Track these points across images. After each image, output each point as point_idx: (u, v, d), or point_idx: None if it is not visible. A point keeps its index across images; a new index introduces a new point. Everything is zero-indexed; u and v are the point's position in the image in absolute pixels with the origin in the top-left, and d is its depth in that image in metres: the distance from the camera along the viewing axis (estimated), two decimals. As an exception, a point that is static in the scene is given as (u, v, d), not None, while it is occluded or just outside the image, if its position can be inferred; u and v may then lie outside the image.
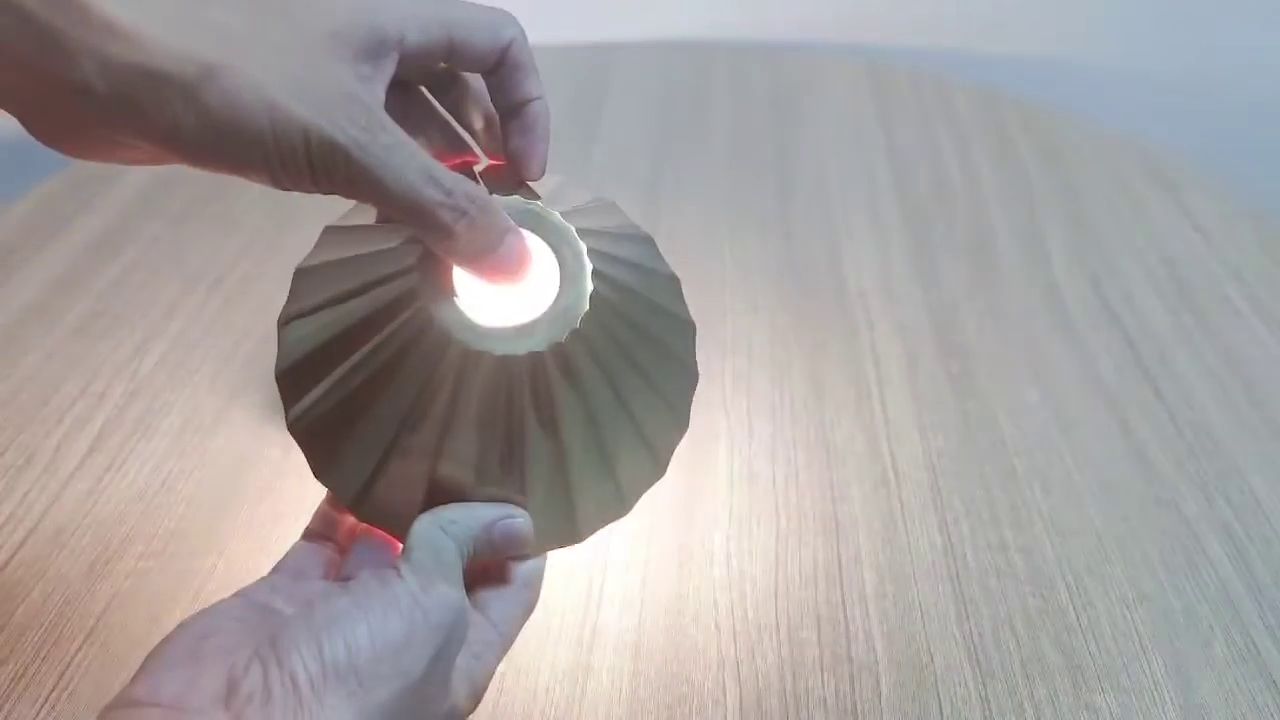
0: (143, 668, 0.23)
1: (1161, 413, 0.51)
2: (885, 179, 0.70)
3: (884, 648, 0.39)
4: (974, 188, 0.69)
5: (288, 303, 0.30)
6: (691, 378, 0.32)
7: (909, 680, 0.38)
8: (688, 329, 0.32)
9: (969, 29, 0.91)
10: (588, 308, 0.27)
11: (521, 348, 0.26)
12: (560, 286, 0.27)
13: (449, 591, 0.25)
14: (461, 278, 0.27)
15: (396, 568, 0.25)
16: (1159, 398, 0.52)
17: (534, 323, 0.27)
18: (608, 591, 0.41)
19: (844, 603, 0.41)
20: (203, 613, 0.25)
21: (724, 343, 0.54)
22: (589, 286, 0.27)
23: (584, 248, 0.28)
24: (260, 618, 0.25)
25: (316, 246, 0.31)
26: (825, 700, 0.37)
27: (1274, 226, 0.66)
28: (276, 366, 0.30)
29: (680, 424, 0.32)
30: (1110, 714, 0.37)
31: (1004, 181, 0.70)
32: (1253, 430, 0.50)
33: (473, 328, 0.26)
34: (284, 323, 0.30)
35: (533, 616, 0.31)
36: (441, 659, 0.25)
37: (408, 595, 0.25)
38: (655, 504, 0.45)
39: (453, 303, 0.26)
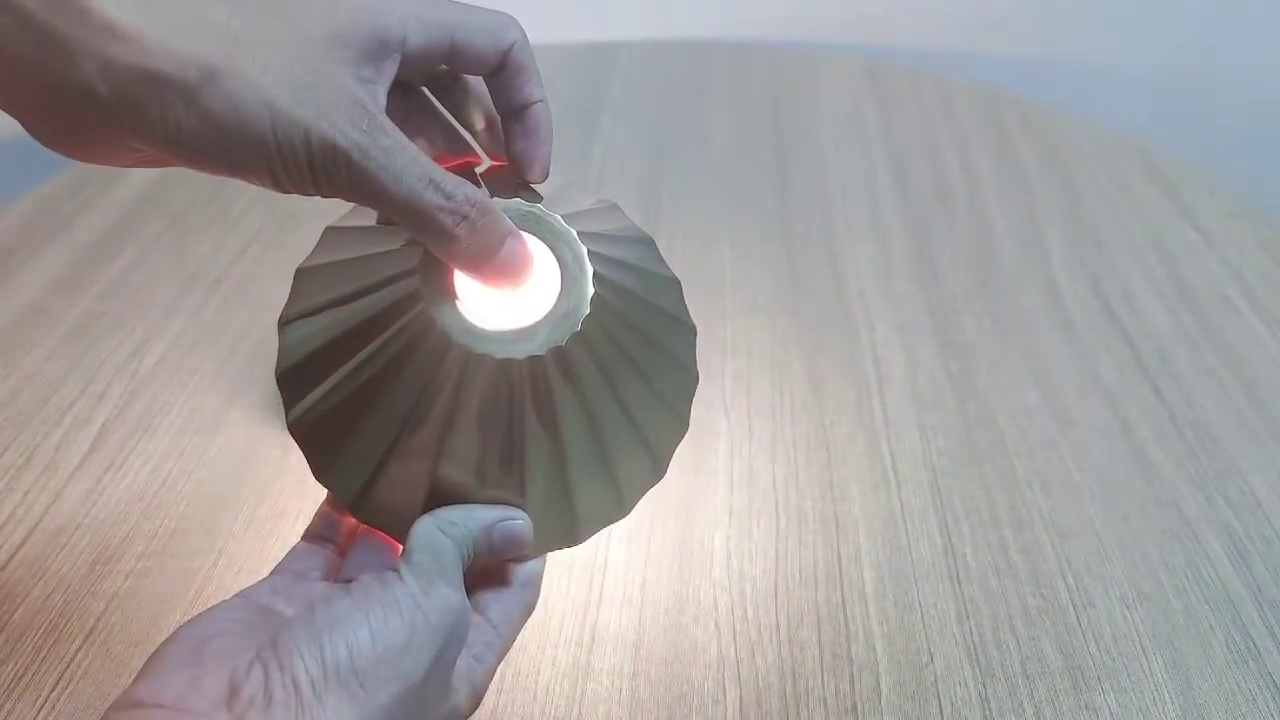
0: (144, 669, 0.23)
1: (1161, 412, 0.51)
2: (885, 179, 0.70)
3: (884, 648, 0.39)
4: (974, 188, 0.69)
5: (289, 303, 0.30)
6: (692, 379, 0.32)
7: (909, 680, 0.38)
8: (688, 331, 0.32)
9: (969, 29, 0.91)
10: (589, 311, 0.27)
11: (522, 351, 0.26)
12: (561, 290, 0.27)
13: (449, 593, 0.25)
14: (463, 280, 0.27)
15: (397, 570, 0.26)
16: (1159, 397, 0.52)
17: (535, 326, 0.27)
18: (608, 591, 0.41)
19: (844, 603, 0.41)
20: (204, 614, 0.25)
21: (724, 343, 0.54)
22: (590, 290, 0.27)
23: (585, 251, 0.28)
24: (261, 619, 0.25)
25: (318, 247, 0.31)
26: (825, 700, 0.37)
27: (1274, 226, 0.66)
28: (277, 367, 0.30)
29: (680, 426, 0.32)
30: (1110, 714, 0.37)
31: (1004, 181, 0.70)
32: (1253, 430, 0.50)
33: (473, 331, 0.26)
34: (285, 323, 0.30)
35: (533, 616, 0.31)
36: (442, 661, 0.25)
37: (408, 597, 0.25)
38: (655, 504, 0.45)
39: (454, 306, 0.26)
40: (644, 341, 0.29)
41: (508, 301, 0.27)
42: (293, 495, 0.44)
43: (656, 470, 0.31)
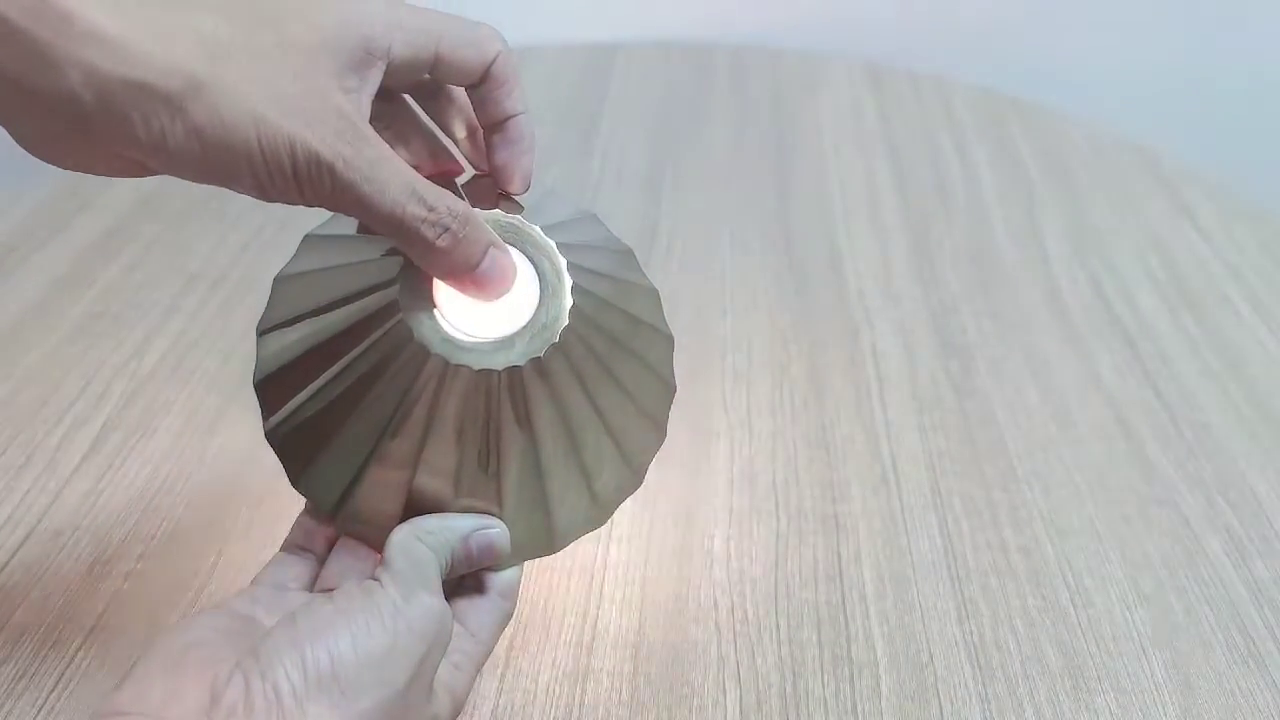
0: (127, 677, 0.23)
1: (1161, 413, 0.51)
2: (885, 179, 0.70)
3: (884, 648, 0.39)
4: (974, 188, 0.69)
5: (266, 311, 0.30)
6: (669, 389, 0.32)
7: (909, 680, 0.38)
8: (665, 342, 0.32)
9: (969, 29, 0.91)
10: (567, 323, 0.27)
11: (500, 362, 0.26)
12: (540, 301, 0.27)
13: (431, 600, 0.25)
14: (442, 290, 0.27)
15: (378, 578, 0.26)
16: (1159, 398, 0.52)
17: (513, 337, 0.27)
18: (607, 592, 0.41)
19: (844, 603, 0.41)
20: (185, 621, 0.25)
21: (724, 342, 0.54)
22: (569, 301, 0.27)
23: (564, 263, 0.28)
24: (243, 628, 0.25)
25: (297, 254, 0.31)
26: (825, 701, 0.37)
27: (1274, 226, 0.66)
28: (255, 375, 0.30)
29: (657, 435, 0.32)
30: (1110, 714, 0.37)
31: (1004, 181, 0.70)
32: (1253, 430, 0.50)
33: (451, 341, 0.26)
34: (263, 332, 0.30)
35: (532, 618, 0.31)
36: (424, 668, 0.25)
37: (390, 605, 0.25)
38: (655, 504, 0.45)
39: (433, 315, 0.27)
40: (621, 352, 0.29)
41: (487, 312, 0.27)
42: (292, 497, 0.44)
43: (633, 478, 0.32)
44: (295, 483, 0.29)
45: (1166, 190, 0.70)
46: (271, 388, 0.29)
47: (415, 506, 0.28)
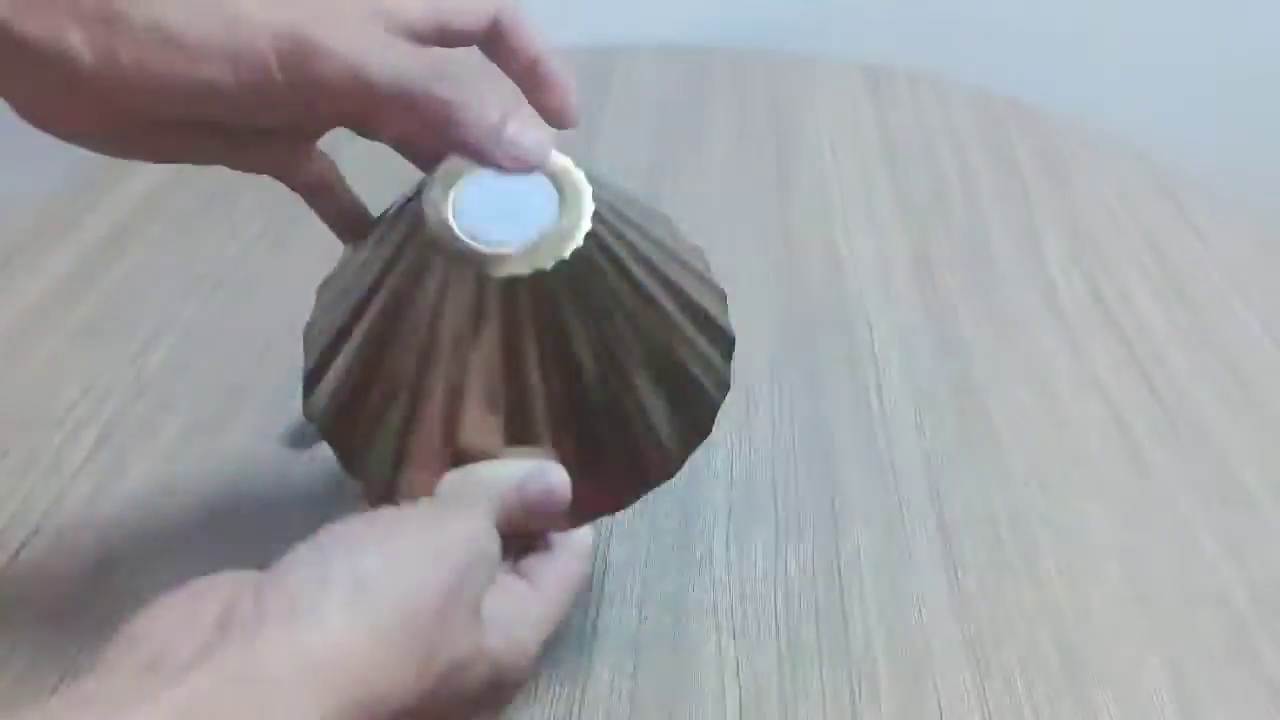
0: (147, 605, 0.22)
1: (1158, 411, 0.51)
2: (883, 181, 0.70)
3: (883, 646, 0.40)
4: (971, 190, 0.69)
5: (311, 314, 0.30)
6: (726, 339, 0.30)
7: (908, 679, 0.39)
8: (715, 292, 0.30)
9: (966, 33, 0.91)
10: (589, 226, 0.26)
11: (526, 267, 0.25)
12: (562, 209, 0.26)
13: (470, 515, 0.24)
14: (461, 209, 0.26)
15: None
16: (1155, 396, 0.52)
17: (537, 243, 0.25)
18: (608, 591, 0.42)
19: (843, 601, 0.41)
20: (218, 574, 0.24)
21: (723, 343, 0.55)
22: (590, 205, 0.26)
23: (582, 172, 0.27)
24: None
25: (337, 263, 0.32)
26: (824, 698, 0.38)
27: (1270, 226, 0.67)
28: (304, 369, 0.29)
29: (720, 382, 0.30)
30: (1108, 711, 0.38)
31: (1001, 183, 0.70)
32: (1249, 429, 0.51)
33: (475, 252, 0.25)
34: (306, 332, 0.30)
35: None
36: (462, 585, 0.23)
37: (424, 518, 0.24)
38: (655, 503, 0.45)
39: (453, 234, 0.25)
40: (659, 279, 0.28)
41: (506, 226, 0.26)
42: (297, 497, 0.45)
43: (697, 427, 0.29)
44: (347, 467, 0.28)
45: (1162, 191, 0.70)
46: (315, 372, 0.29)
47: (463, 461, 0.27)
